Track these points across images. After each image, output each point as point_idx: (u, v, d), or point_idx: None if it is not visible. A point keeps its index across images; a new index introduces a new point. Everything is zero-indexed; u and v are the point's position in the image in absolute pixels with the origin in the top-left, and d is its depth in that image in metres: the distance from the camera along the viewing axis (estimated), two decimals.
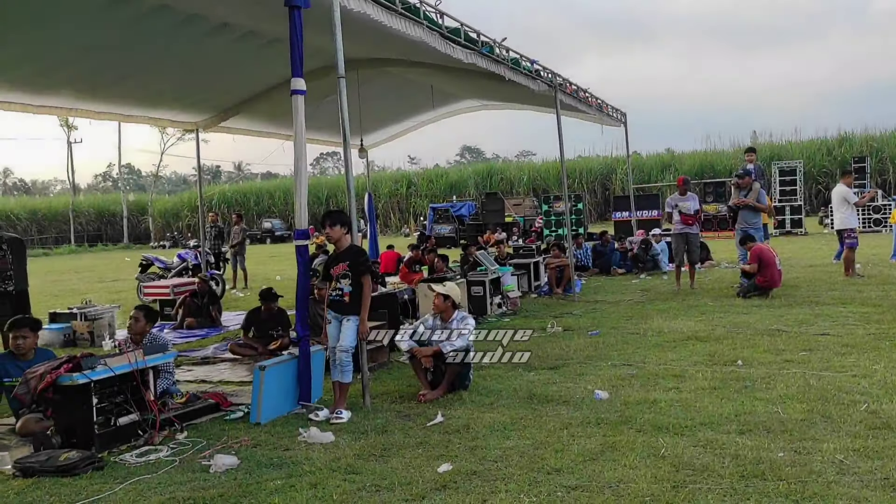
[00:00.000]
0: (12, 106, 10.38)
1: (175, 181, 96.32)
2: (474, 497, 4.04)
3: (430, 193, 50.43)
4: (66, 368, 5.26)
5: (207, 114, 13.28)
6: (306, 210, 6.40)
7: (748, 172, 12.72)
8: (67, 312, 10.94)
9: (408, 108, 15.92)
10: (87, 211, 58.30)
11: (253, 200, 55.77)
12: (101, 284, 21.00)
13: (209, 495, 4.25)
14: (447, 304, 6.72)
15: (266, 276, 19.67)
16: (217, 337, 10.66)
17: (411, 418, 5.77)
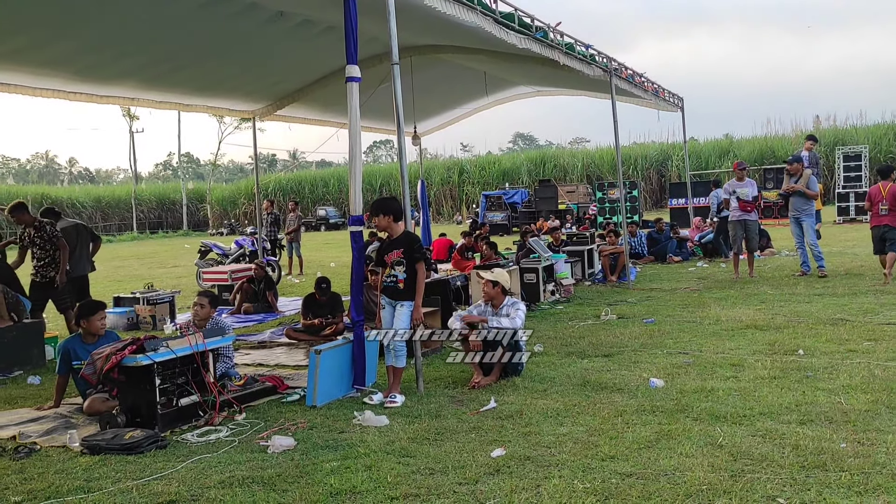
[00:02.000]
0: (78, 96, 10.72)
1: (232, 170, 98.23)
2: (528, 482, 4.04)
3: (482, 181, 50.31)
4: (131, 350, 5.44)
5: (264, 102, 13.48)
6: (360, 196, 6.45)
7: (798, 159, 12.46)
8: (130, 297, 11.29)
9: (461, 95, 15.89)
10: (148, 199, 59.86)
11: (308, 188, 56.46)
12: (162, 270, 21.59)
13: (267, 475, 4.34)
14: (497, 291, 6.71)
15: (321, 263, 19.95)
16: (273, 322, 10.86)
17: (464, 403, 5.79)
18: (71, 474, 4.55)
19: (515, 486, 3.97)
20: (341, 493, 4.02)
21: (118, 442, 4.99)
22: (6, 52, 8.84)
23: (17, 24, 8.28)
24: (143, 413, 5.43)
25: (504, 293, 6.74)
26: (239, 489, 4.14)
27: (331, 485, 4.13)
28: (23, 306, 8.54)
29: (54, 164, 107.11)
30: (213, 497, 4.03)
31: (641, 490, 3.85)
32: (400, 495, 3.93)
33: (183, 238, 47.15)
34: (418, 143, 16.64)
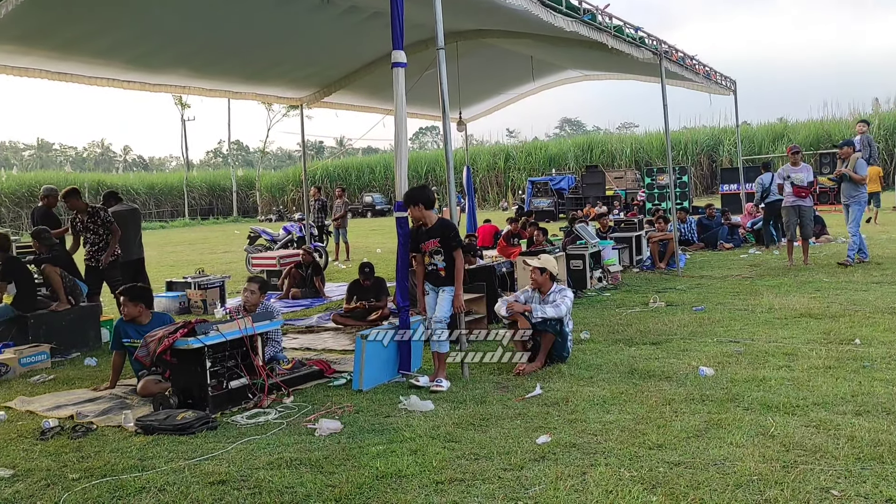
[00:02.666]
0: (132, 85, 10.95)
1: (281, 157, 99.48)
2: (573, 469, 4.01)
3: (528, 167, 50.01)
4: (182, 333, 5.55)
5: (311, 89, 13.59)
6: (406, 182, 6.45)
7: (849, 143, 12.17)
8: (182, 281, 11.53)
9: (507, 80, 15.77)
10: (199, 186, 60.98)
11: (354, 175, 56.88)
12: (213, 255, 22.01)
13: (314, 457, 4.40)
14: (544, 277, 6.66)
15: (367, 249, 20.09)
16: (320, 307, 10.98)
17: (509, 390, 5.78)
18: (126, 453, 4.68)
19: (561, 474, 3.95)
20: (387, 476, 4.04)
21: (170, 422, 5.11)
22: (62, 42, 9.07)
23: (72, 15, 8.47)
24: (195, 395, 5.55)
25: (552, 279, 6.69)
26: (287, 471, 4.21)
27: (376, 468, 4.16)
28: (79, 290, 8.79)
29: (109, 152, 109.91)
30: (261, 478, 4.10)
31: (690, 479, 3.79)
32: (445, 480, 3.95)
33: (233, 224, 47.96)
34: (464, 129, 16.59)
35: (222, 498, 3.86)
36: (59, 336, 8.04)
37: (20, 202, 47.04)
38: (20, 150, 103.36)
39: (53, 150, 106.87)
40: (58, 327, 8.11)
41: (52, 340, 7.83)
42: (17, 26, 8.07)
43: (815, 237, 14.00)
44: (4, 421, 5.58)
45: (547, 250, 10.24)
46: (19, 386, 6.76)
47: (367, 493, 3.82)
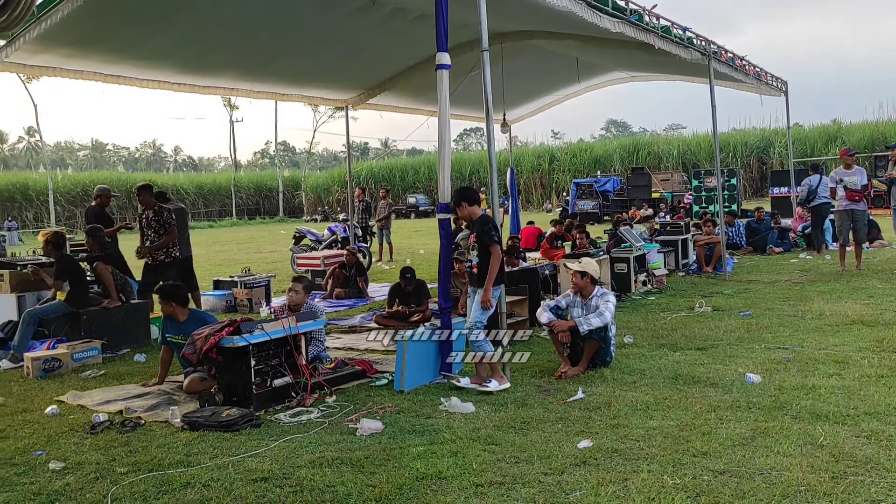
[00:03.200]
0: (182, 87, 11.18)
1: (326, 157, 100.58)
2: (615, 475, 3.97)
3: (573, 168, 49.64)
4: (228, 332, 5.64)
5: (356, 91, 13.70)
6: (449, 184, 6.46)
7: None
8: (229, 280, 11.72)
9: (552, 82, 15.69)
10: (246, 186, 61.96)
11: (399, 176, 57.16)
12: (259, 255, 22.33)
13: (355, 457, 4.43)
14: (585, 281, 6.59)
15: (410, 250, 20.17)
16: (363, 307, 11.05)
17: (551, 393, 5.74)
18: (172, 448, 4.77)
19: (602, 479, 3.90)
20: (427, 477, 4.05)
21: (216, 419, 5.20)
22: (115, 45, 9.30)
23: (124, 19, 8.69)
24: (239, 392, 5.64)
25: (593, 283, 6.62)
26: (328, 469, 4.24)
27: (417, 469, 4.17)
28: (130, 287, 9.00)
29: (161, 153, 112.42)
30: (303, 476, 4.14)
31: (735, 489, 3.71)
32: (485, 482, 3.94)
33: (279, 224, 48.61)
34: (507, 130, 16.57)
35: (264, 495, 3.91)
36: (110, 332, 8.24)
37: (75, 201, 48.41)
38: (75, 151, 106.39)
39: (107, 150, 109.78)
40: (109, 324, 8.32)
41: (103, 337, 8.03)
42: (72, 30, 8.31)
43: (868, 242, 13.61)
44: (57, 415, 5.74)
45: (591, 253, 10.15)
46: (71, 380, 6.95)
47: (406, 494, 3.83)
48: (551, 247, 13.34)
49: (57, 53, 9.16)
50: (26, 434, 5.25)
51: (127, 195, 47.92)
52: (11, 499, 4.04)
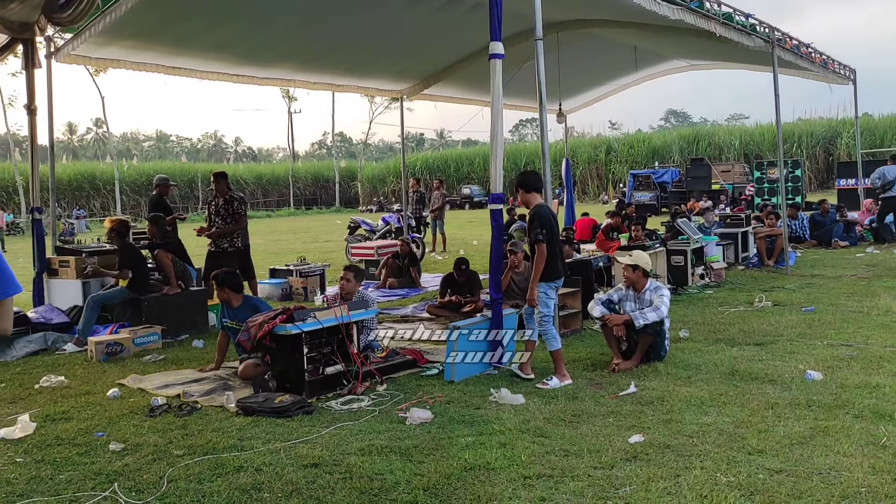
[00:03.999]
0: (241, 78, 11.39)
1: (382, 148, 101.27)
2: (666, 470, 3.89)
3: (630, 159, 48.89)
4: (281, 319, 5.73)
5: (411, 82, 13.73)
6: (501, 174, 6.42)
7: None
8: (285, 269, 11.91)
9: (609, 71, 15.45)
10: (304, 176, 62.82)
11: (453, 167, 57.18)
12: (315, 244, 22.64)
13: (405, 445, 4.45)
14: (637, 274, 6.47)
15: (464, 241, 20.17)
16: (416, 297, 11.10)
17: (603, 387, 5.67)
18: (226, 433, 4.87)
19: (653, 475, 3.84)
20: (475, 468, 4.05)
21: (269, 405, 5.29)
22: (177, 38, 9.52)
23: (185, 12, 8.87)
24: (292, 379, 5.72)
25: (645, 276, 6.50)
26: (378, 457, 4.28)
27: (465, 459, 4.17)
28: (189, 275, 9.22)
29: (221, 144, 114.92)
30: (353, 463, 4.19)
31: (791, 488, 3.61)
32: (533, 475, 3.91)
33: (335, 214, 49.20)
34: (563, 120, 16.39)
35: (315, 481, 3.96)
36: (170, 318, 8.46)
37: (140, 190, 49.85)
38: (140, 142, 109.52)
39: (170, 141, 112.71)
40: (169, 310, 8.54)
41: (163, 322, 8.25)
42: (135, 23, 8.54)
43: None
44: (118, 397, 5.92)
45: (645, 245, 9.98)
46: (132, 364, 7.16)
47: (455, 484, 3.83)
48: (606, 238, 13.15)
49: (121, 46, 9.42)
50: (88, 416, 5.43)
51: (189, 185, 48.89)
52: (74, 477, 4.19)
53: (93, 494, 3.92)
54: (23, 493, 3.97)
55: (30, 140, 9.60)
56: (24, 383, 6.51)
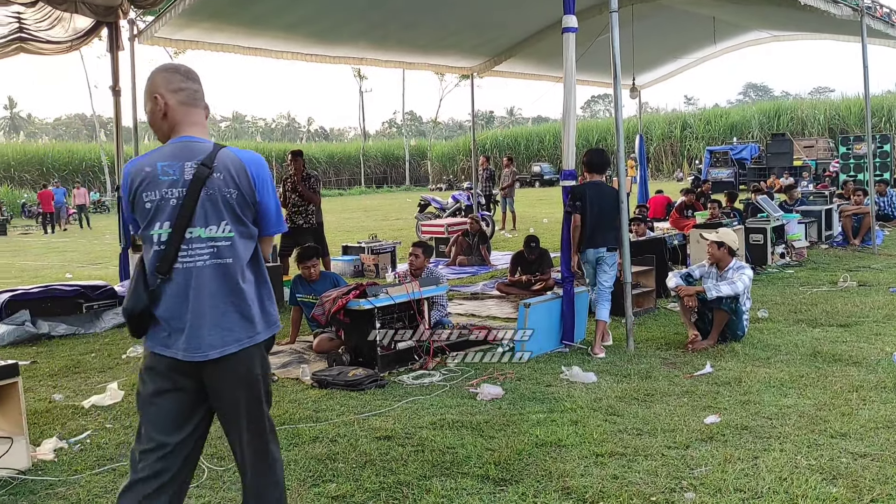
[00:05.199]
0: (314, 58, 11.52)
1: (452, 127, 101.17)
2: (744, 452, 3.81)
3: (707, 135, 47.44)
4: (355, 295, 5.83)
5: (482, 58, 13.63)
6: (574, 151, 6.34)
7: None
8: (357, 246, 12.08)
9: (685, 44, 14.99)
10: (375, 155, 63.36)
11: (523, 144, 56.65)
12: (386, 222, 22.88)
13: (475, 420, 4.49)
14: (722, 252, 6.30)
15: (533, 219, 20.03)
16: (486, 275, 11.10)
17: (677, 366, 5.57)
18: (302, 404, 5.00)
19: (730, 456, 3.76)
20: (546, 444, 4.04)
21: (342, 378, 5.40)
22: (251, 18, 9.69)
23: None
24: (365, 353, 5.83)
25: (731, 254, 6.32)
26: (449, 431, 4.32)
27: (536, 436, 4.17)
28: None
29: (295, 123, 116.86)
30: (425, 437, 4.24)
31: (876, 473, 3.48)
32: (605, 452, 3.88)
33: (405, 193, 49.53)
34: (637, 95, 16.01)
35: (387, 453, 4.03)
36: None
37: None
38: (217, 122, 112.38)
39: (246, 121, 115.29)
40: None
41: None
42: (211, 5, 8.75)
43: None
44: None
45: (724, 223, 9.71)
46: None
47: (525, 460, 3.84)
48: (681, 216, 12.85)
49: (200, 28, 9.65)
50: None
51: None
52: None
53: None
54: (112, 458, 4.17)
55: (115, 120, 9.96)
56: (112, 353, 6.83)
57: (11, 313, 7.55)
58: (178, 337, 2.52)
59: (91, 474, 3.94)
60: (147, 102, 2.65)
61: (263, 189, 2.63)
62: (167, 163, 2.55)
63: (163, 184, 2.53)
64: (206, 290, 2.53)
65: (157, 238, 2.53)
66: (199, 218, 2.53)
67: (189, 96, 2.65)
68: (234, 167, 2.58)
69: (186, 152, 2.57)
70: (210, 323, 2.53)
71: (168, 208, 2.52)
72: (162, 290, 2.54)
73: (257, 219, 2.65)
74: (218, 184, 2.54)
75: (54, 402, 5.32)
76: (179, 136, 2.63)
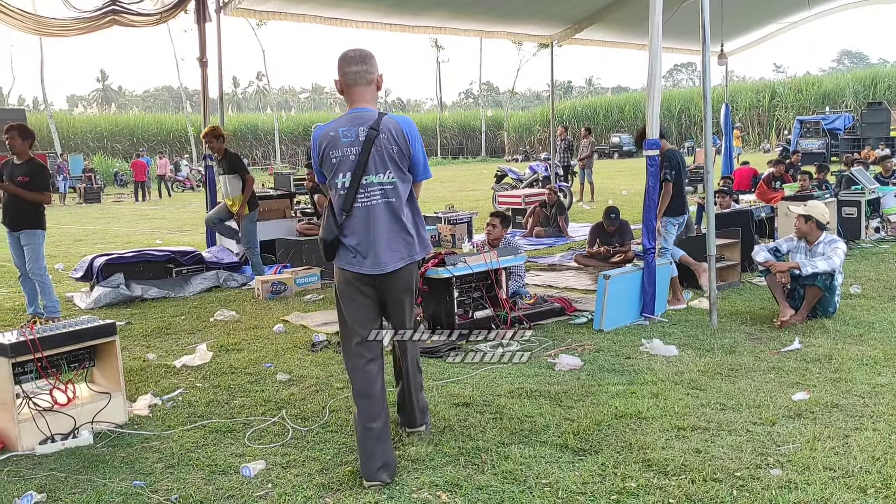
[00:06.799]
0: (393, 27, 11.54)
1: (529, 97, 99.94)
2: (834, 430, 3.68)
3: (797, 105, 45.43)
4: (433, 263, 5.87)
5: (562, 26, 13.36)
6: (658, 119, 6.17)
7: None
8: (433, 216, 12.13)
9: (777, 9, 14.30)
10: (451, 126, 63.28)
11: (602, 115, 55.51)
12: (462, 193, 22.88)
13: (553, 390, 4.48)
14: (810, 226, 6.05)
15: (612, 190, 19.68)
16: (563, 246, 11.00)
17: (763, 342, 5.41)
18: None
19: (819, 434, 3.64)
20: (626, 416, 4.00)
21: (420, 345, 5.45)
22: None
23: None
24: (443, 321, 5.88)
25: (819, 228, 6.07)
26: (527, 400, 4.33)
27: (616, 407, 4.13)
28: None
29: None
30: (502, 404, 4.26)
31: None
32: (687, 426, 3.82)
33: (481, 164, 49.36)
34: (724, 62, 15.43)
35: (466, 419, 4.07)
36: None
37: (297, 140, 52.28)
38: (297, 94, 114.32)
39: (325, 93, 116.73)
40: None
41: (322, 264, 8.67)
42: None
43: None
44: (283, 332, 6.33)
45: (815, 196, 9.32)
46: (295, 303, 7.61)
47: (605, 431, 3.82)
48: (768, 188, 12.39)
49: None
50: (257, 348, 5.85)
51: None
52: (246, 403, 4.54)
53: (263, 419, 4.24)
54: (202, 415, 4.35)
55: (201, 91, 10.24)
56: (201, 316, 7.10)
57: (107, 276, 7.94)
58: (363, 257, 3.45)
59: (183, 430, 4.12)
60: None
61: (415, 144, 3.49)
62: (346, 128, 3.42)
63: (344, 144, 3.40)
64: (380, 222, 3.43)
65: (340, 185, 3.43)
66: (370, 168, 3.39)
67: (354, 77, 3.48)
68: (393, 129, 3.42)
69: (358, 120, 3.42)
70: (384, 246, 3.44)
71: (348, 162, 3.40)
72: (347, 223, 3.45)
73: (411, 167, 3.51)
74: (383, 142, 3.39)
75: (148, 362, 5.58)
76: (353, 108, 3.49)
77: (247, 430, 4.06)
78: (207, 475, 3.51)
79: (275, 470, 3.54)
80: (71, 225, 18.06)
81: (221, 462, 3.65)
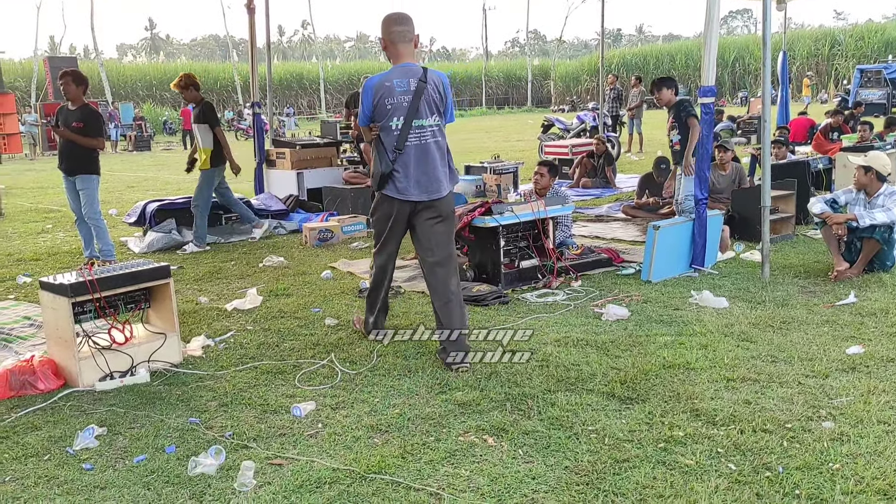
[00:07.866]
0: None
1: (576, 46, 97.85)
2: (889, 384, 3.61)
3: (858, 54, 43.63)
4: (480, 212, 5.84)
5: None
6: (714, 67, 5.98)
7: None
8: (479, 166, 12.05)
9: None
10: (496, 76, 62.42)
11: (653, 64, 54.04)
12: (507, 143, 22.65)
13: (600, 340, 4.46)
14: (869, 177, 5.84)
15: (661, 141, 19.22)
16: (611, 197, 10.85)
17: (816, 295, 5.30)
18: (427, 316, 5.11)
19: (874, 388, 3.57)
20: (674, 366, 3.98)
21: (466, 293, 5.46)
22: None
23: None
24: (489, 271, 5.87)
25: (880, 180, 5.85)
26: (574, 349, 4.33)
27: (664, 357, 4.11)
28: None
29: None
30: (549, 353, 4.27)
31: None
32: (737, 378, 3.78)
33: (527, 114, 48.70)
34: (783, 7, 14.85)
35: (512, 367, 4.09)
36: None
37: (342, 90, 52.17)
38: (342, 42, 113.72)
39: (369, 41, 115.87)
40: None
41: (367, 213, 8.71)
42: None
43: None
44: (330, 279, 6.40)
45: (876, 147, 8.99)
46: (341, 250, 7.68)
47: (652, 381, 3.80)
48: (826, 139, 12.00)
49: None
50: (306, 293, 5.94)
51: None
52: (296, 346, 4.63)
53: (312, 362, 4.32)
54: (254, 357, 4.46)
55: (249, 36, 10.22)
56: (250, 262, 7.22)
57: (160, 222, 8.10)
58: (413, 187, 4.19)
59: (235, 370, 4.23)
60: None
61: (448, 94, 4.29)
62: (399, 80, 4.13)
63: (398, 93, 4.12)
64: (428, 157, 4.20)
65: (394, 126, 4.15)
66: (420, 113, 4.15)
67: (397, 36, 4.19)
68: (436, 81, 4.21)
69: (409, 73, 4.15)
70: (432, 177, 4.21)
71: (402, 108, 4.12)
72: (399, 159, 4.17)
73: (444, 112, 4.28)
74: (430, 91, 4.16)
75: (200, 304, 5.71)
76: (400, 62, 4.20)
77: (297, 372, 4.14)
78: (259, 414, 3.60)
79: (324, 411, 3.61)
80: (123, 172, 18.42)
81: (273, 402, 3.74)
